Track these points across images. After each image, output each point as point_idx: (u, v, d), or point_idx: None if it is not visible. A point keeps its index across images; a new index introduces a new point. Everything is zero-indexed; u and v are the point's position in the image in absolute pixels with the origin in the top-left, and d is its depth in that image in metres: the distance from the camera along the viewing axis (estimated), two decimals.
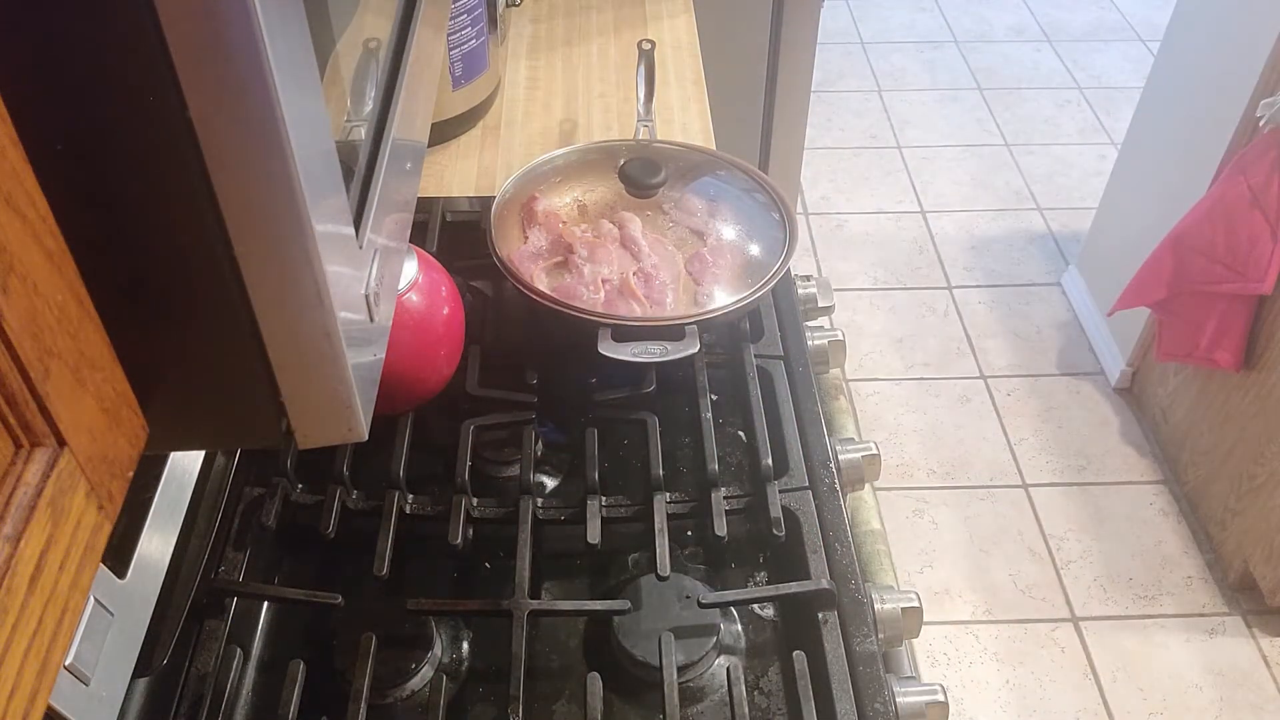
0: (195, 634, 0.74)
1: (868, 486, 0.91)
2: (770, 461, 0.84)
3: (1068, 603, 1.86)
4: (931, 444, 2.12)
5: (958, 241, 2.60)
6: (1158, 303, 1.81)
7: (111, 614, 0.60)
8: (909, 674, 0.78)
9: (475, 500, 0.83)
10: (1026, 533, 1.97)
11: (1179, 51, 1.96)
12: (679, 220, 0.95)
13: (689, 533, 0.85)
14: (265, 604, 0.80)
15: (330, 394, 0.43)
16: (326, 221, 0.39)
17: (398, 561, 0.78)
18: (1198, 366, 1.88)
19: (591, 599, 0.81)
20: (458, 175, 1.19)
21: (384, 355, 0.50)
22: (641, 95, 1.12)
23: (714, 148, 1.14)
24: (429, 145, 1.08)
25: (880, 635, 0.76)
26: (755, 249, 0.93)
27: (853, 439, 0.91)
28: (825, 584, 0.77)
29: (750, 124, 1.81)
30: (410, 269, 0.81)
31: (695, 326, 0.86)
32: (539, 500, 0.83)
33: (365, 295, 0.45)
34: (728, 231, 0.94)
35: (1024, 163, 2.84)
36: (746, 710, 0.70)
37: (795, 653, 0.75)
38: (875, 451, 0.90)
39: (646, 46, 1.14)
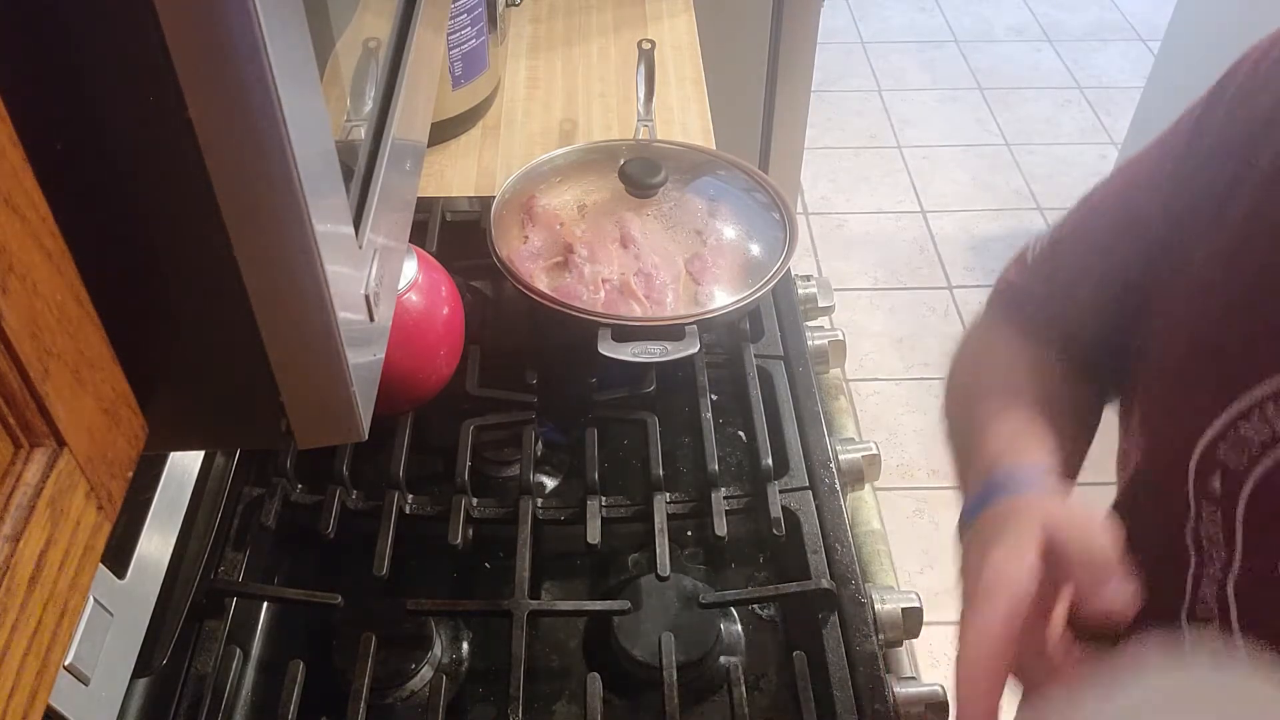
0: (195, 634, 0.74)
1: (868, 486, 0.91)
2: (770, 461, 0.84)
3: None
4: (932, 444, 2.12)
5: (958, 241, 2.60)
6: None
7: (111, 614, 0.60)
8: (909, 674, 0.78)
9: (475, 500, 0.83)
10: None
11: (1179, 51, 1.96)
12: (679, 220, 0.95)
13: (689, 533, 0.85)
14: (265, 604, 0.80)
15: (330, 394, 0.43)
16: (326, 221, 0.39)
17: (398, 561, 0.78)
18: None
19: (591, 599, 0.81)
20: (457, 175, 1.19)
21: (384, 355, 0.50)
22: (641, 95, 1.12)
23: (714, 147, 1.14)
24: (429, 145, 1.08)
25: (880, 635, 0.76)
26: (755, 249, 0.93)
27: (853, 439, 0.91)
28: (825, 584, 0.77)
29: (750, 124, 1.81)
30: (410, 269, 0.81)
31: (695, 326, 0.86)
32: (539, 500, 0.83)
33: (365, 295, 0.45)
34: (728, 231, 0.94)
35: (1024, 162, 2.84)
36: (746, 710, 0.70)
37: (795, 653, 0.75)
38: (875, 451, 0.90)
39: (646, 46, 1.14)
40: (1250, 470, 0.54)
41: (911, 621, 0.78)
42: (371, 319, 0.46)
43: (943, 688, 0.73)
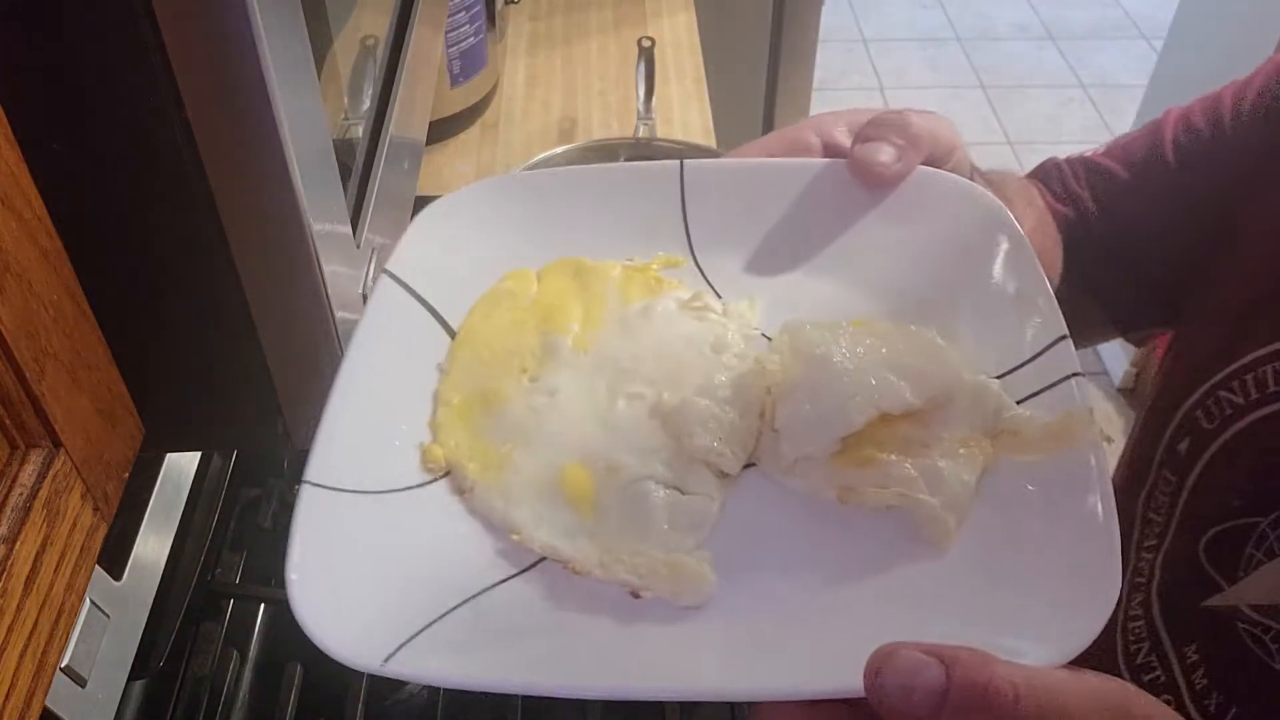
0: (192, 636, 0.74)
1: None
2: None
3: None
4: None
5: None
6: None
7: (107, 616, 0.59)
8: None
9: None
10: None
11: (1183, 49, 1.95)
12: None
13: None
14: (262, 606, 0.80)
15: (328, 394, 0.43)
16: (324, 221, 0.39)
17: None
18: None
19: None
20: (456, 174, 1.18)
21: None
22: (641, 93, 1.11)
23: (714, 146, 1.14)
24: (427, 144, 1.08)
25: None
26: None
27: None
28: None
29: (751, 122, 1.81)
30: None
31: None
32: None
33: (362, 295, 0.45)
34: None
35: (1027, 161, 2.83)
36: (748, 711, 0.70)
37: None
38: None
39: (646, 44, 1.13)
40: (1217, 435, 0.53)
41: None
42: None
43: None
